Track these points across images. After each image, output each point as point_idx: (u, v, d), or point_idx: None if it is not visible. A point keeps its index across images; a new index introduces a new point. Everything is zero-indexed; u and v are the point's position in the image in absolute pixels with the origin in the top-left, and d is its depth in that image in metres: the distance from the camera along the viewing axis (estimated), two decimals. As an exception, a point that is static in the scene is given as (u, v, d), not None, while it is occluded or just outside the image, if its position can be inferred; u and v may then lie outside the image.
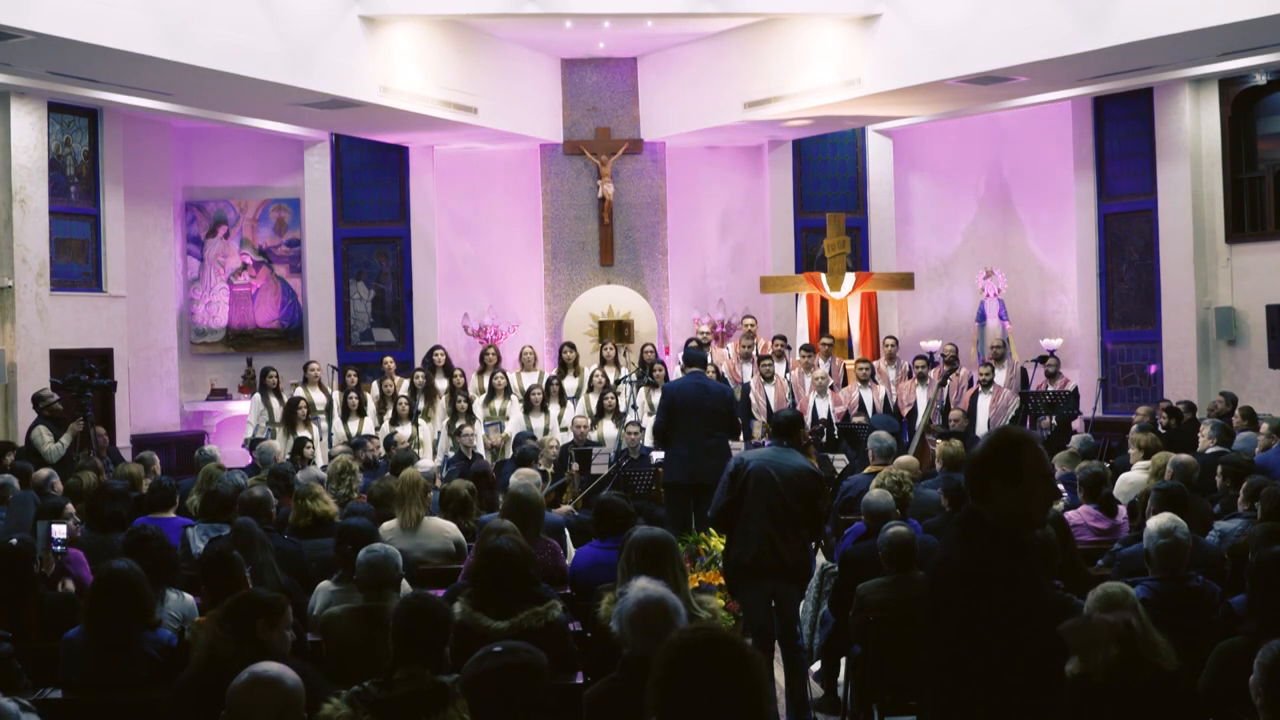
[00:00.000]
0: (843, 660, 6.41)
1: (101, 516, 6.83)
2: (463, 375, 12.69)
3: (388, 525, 6.79)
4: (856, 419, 12.17)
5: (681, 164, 15.89)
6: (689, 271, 15.86)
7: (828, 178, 15.77)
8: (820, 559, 7.81)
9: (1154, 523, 5.08)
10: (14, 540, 5.70)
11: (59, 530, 5.97)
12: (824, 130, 15.20)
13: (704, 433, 8.49)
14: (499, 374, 12.61)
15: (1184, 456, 7.56)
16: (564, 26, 13.58)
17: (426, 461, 11.19)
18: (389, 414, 12.09)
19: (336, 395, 12.37)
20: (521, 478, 7.53)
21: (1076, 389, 12.55)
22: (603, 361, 13.13)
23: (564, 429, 11.88)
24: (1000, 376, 12.55)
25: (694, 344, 9.65)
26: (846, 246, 14.04)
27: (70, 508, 6.67)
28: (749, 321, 13.82)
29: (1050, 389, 12.28)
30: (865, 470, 8.58)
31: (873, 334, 13.91)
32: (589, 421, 11.67)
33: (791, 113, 14.00)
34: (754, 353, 13.24)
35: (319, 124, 13.97)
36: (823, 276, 13.89)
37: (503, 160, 15.94)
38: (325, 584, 5.48)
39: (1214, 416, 10.27)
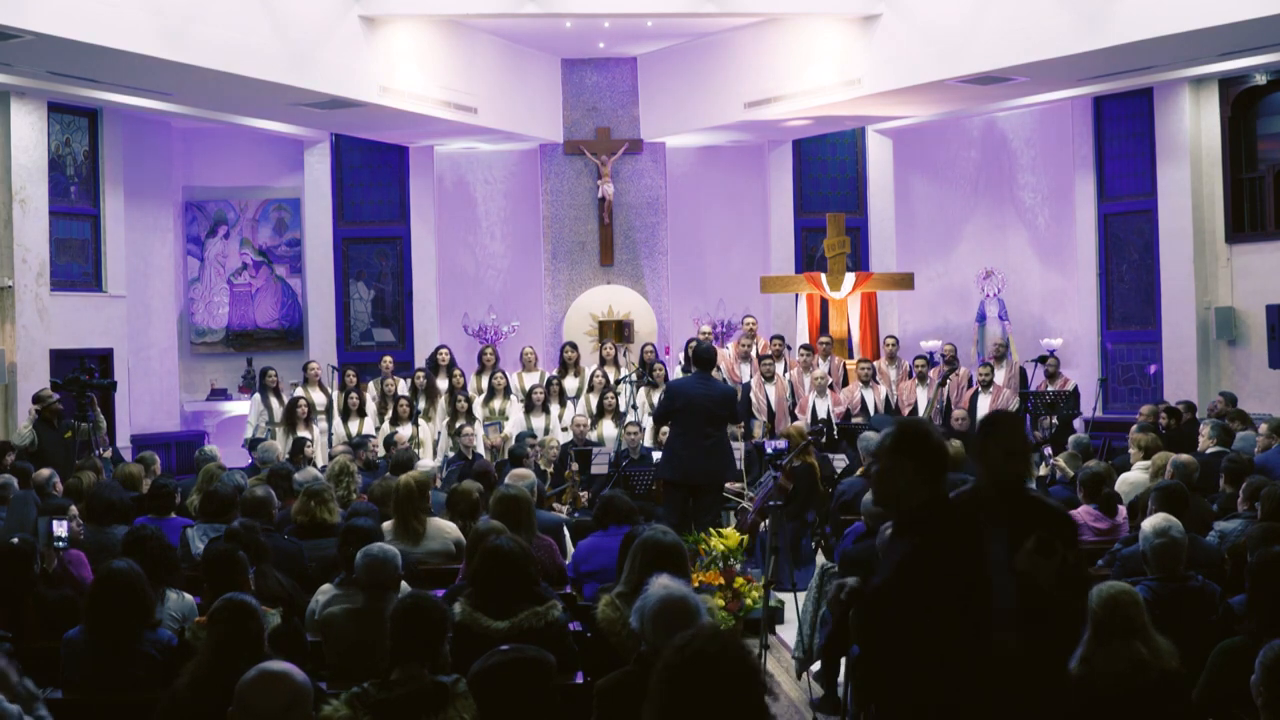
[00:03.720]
0: (842, 660, 6.41)
1: (101, 507, 6.83)
2: (462, 375, 12.69)
3: (388, 525, 6.79)
4: (857, 419, 12.17)
5: (681, 164, 15.89)
6: (689, 271, 15.86)
7: (828, 178, 15.77)
8: (820, 559, 7.82)
9: (1149, 523, 5.09)
10: (14, 540, 5.70)
11: (60, 527, 5.97)
12: (824, 130, 15.20)
13: (703, 433, 8.50)
14: (498, 374, 12.62)
15: (1184, 456, 7.56)
16: (564, 26, 13.58)
17: (427, 461, 11.20)
18: (389, 414, 12.08)
19: (336, 395, 12.37)
20: (515, 478, 7.51)
21: (1076, 388, 12.55)
22: (603, 361, 13.13)
23: (564, 429, 11.88)
24: (1000, 376, 12.55)
25: (704, 342, 9.63)
26: (846, 246, 14.04)
27: (73, 509, 6.67)
28: (749, 321, 13.82)
29: (1050, 389, 12.28)
30: (858, 473, 8.54)
31: (873, 334, 13.91)
32: (589, 421, 11.68)
33: (791, 113, 14.00)
34: (753, 352, 13.23)
35: (319, 124, 13.97)
36: (823, 276, 13.89)
37: (503, 160, 15.95)
38: (327, 586, 5.47)
39: (1214, 416, 10.28)
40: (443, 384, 12.52)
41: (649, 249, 15.31)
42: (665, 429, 10.87)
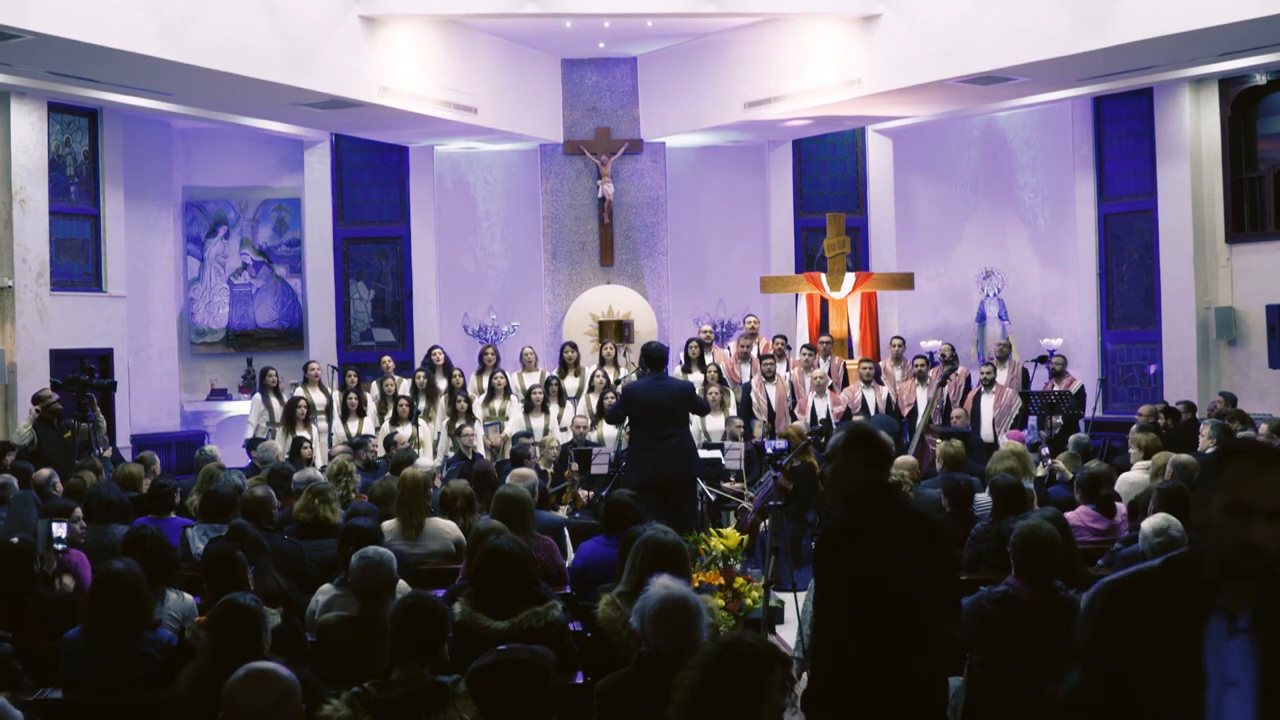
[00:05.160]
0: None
1: (98, 507, 6.84)
2: (461, 375, 12.69)
3: (388, 525, 6.80)
4: (858, 418, 12.17)
5: (681, 164, 15.89)
6: (689, 271, 15.86)
7: (828, 178, 15.77)
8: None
9: (1149, 523, 5.09)
10: (14, 539, 5.70)
11: (60, 529, 5.98)
12: (824, 130, 15.20)
13: (661, 433, 8.56)
14: (498, 374, 12.62)
15: (1184, 456, 7.56)
16: (564, 26, 13.58)
17: (426, 460, 11.19)
18: (389, 414, 12.08)
19: (336, 395, 12.37)
20: (517, 478, 7.52)
21: (1083, 388, 12.54)
22: (602, 361, 13.13)
23: (564, 429, 11.88)
24: (1002, 376, 12.54)
25: (653, 342, 9.73)
26: (846, 246, 14.04)
27: (77, 510, 6.67)
28: (751, 320, 13.82)
29: (1056, 388, 12.26)
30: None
31: (872, 334, 13.91)
32: (589, 421, 11.68)
33: (791, 113, 14.00)
34: (753, 352, 13.23)
35: (319, 124, 13.97)
36: (823, 276, 13.89)
37: (503, 160, 15.95)
38: (326, 586, 5.47)
39: (1214, 416, 10.28)
40: (442, 384, 12.52)
41: (649, 249, 15.31)
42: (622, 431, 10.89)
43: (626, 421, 9.44)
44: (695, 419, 10.29)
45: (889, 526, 3.76)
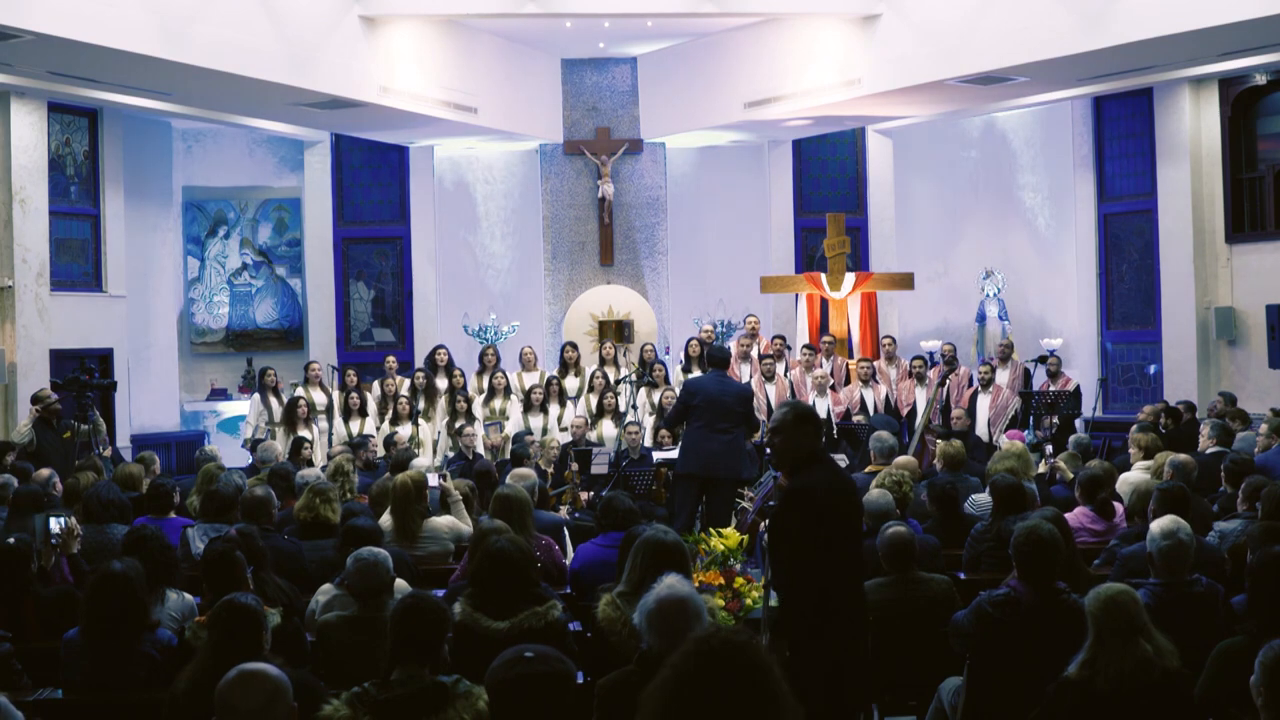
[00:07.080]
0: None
1: (100, 506, 6.83)
2: (462, 375, 12.69)
3: (386, 522, 6.79)
4: (857, 418, 12.17)
5: (681, 164, 15.89)
6: (689, 271, 15.86)
7: (828, 178, 15.77)
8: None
9: (1157, 525, 5.07)
10: (12, 539, 5.69)
11: (56, 524, 5.97)
12: (824, 130, 15.20)
13: (720, 429, 8.58)
14: (498, 374, 12.61)
15: (1184, 456, 7.56)
16: (564, 26, 13.58)
17: (426, 460, 11.19)
18: (389, 414, 12.08)
19: (337, 395, 12.36)
20: (516, 478, 7.52)
21: (1079, 388, 12.54)
22: (602, 361, 13.13)
23: (564, 429, 11.88)
24: (1003, 377, 12.52)
25: (718, 343, 9.83)
26: (846, 246, 14.03)
27: (72, 519, 6.66)
28: (752, 320, 13.81)
29: (1052, 389, 12.26)
30: (865, 470, 8.59)
31: (873, 334, 13.90)
32: (587, 421, 11.67)
33: (791, 113, 13.99)
34: (753, 352, 13.22)
35: (319, 124, 13.97)
36: (823, 276, 13.89)
37: (503, 160, 15.95)
38: (327, 586, 5.46)
39: (1214, 417, 10.27)
40: (442, 384, 12.51)
41: (649, 249, 15.31)
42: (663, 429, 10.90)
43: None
44: None
45: (828, 485, 4.78)
